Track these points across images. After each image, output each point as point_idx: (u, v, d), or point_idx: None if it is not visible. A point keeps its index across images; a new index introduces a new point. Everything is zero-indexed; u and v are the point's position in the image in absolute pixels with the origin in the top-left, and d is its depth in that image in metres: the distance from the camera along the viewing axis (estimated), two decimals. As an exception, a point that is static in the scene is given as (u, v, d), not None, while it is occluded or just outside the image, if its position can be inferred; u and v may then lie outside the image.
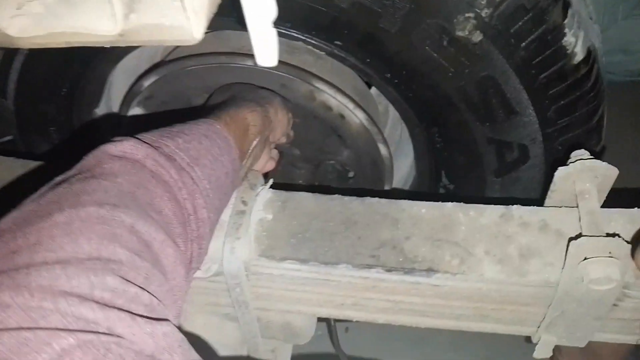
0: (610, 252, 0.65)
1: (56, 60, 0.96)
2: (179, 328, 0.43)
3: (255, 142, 0.72)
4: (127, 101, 1.02)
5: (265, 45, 0.39)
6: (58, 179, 0.49)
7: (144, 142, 0.54)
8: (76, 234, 0.42)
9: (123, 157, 0.52)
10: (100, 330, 0.37)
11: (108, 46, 0.48)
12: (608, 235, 0.67)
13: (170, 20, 0.47)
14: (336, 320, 1.31)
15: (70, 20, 0.47)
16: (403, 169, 1.20)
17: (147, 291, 0.42)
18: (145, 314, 0.40)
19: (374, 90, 1.13)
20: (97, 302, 0.38)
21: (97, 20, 0.47)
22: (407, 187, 1.21)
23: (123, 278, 0.41)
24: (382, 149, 1.04)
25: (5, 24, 0.48)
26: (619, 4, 1.78)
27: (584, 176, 0.71)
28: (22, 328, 0.35)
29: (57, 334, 0.35)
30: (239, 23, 0.38)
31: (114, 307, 0.38)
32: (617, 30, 1.81)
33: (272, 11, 0.37)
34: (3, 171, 0.84)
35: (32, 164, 0.85)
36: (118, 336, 0.37)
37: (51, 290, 0.37)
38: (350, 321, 0.83)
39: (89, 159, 0.52)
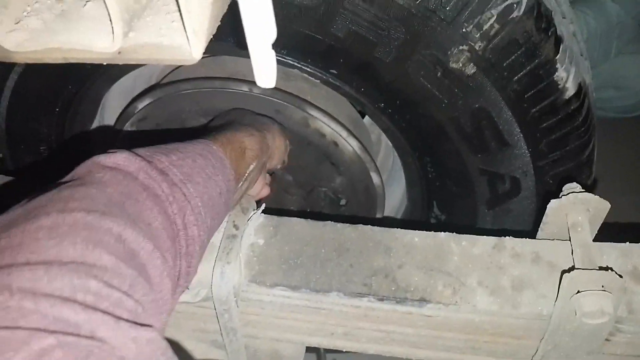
0: (603, 286, 0.65)
1: (51, 79, 0.96)
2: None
3: (252, 167, 0.72)
4: (120, 122, 1.02)
5: (264, 67, 0.39)
6: (48, 186, 0.49)
7: (138, 155, 0.53)
8: (61, 238, 0.41)
9: (115, 168, 0.51)
10: (82, 333, 0.35)
11: (105, 63, 0.48)
12: (601, 268, 0.67)
13: (169, 40, 0.47)
14: (326, 351, 1.28)
15: (67, 36, 0.47)
16: (395, 197, 1.20)
17: (132, 298, 0.41)
18: (129, 319, 0.39)
19: (367, 119, 1.14)
20: (79, 304, 0.37)
21: (95, 37, 0.47)
22: (399, 216, 1.21)
23: (107, 283, 0.40)
24: (375, 177, 1.04)
25: (2, 38, 0.48)
26: (612, 39, 1.83)
27: (576, 209, 0.72)
28: (0, 327, 0.34)
29: (36, 334, 0.34)
30: (238, 45, 0.38)
31: (97, 310, 0.37)
32: (610, 66, 1.86)
33: (272, 33, 0.37)
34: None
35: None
36: (100, 340, 0.36)
37: (32, 290, 0.36)
38: (340, 352, 0.81)
39: (81, 168, 0.52)
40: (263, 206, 0.79)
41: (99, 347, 0.35)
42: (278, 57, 0.85)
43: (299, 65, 0.87)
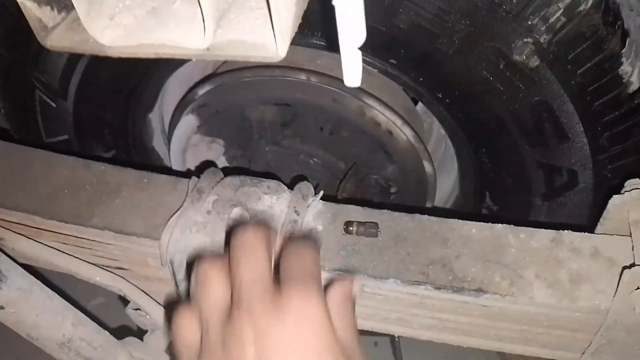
0: (665, 284, 0.64)
1: (117, 67, 1.00)
2: None
3: None
4: (180, 108, 1.05)
5: (352, 67, 0.41)
6: None
7: None
8: None
9: None
10: None
11: (194, 59, 0.50)
12: (663, 266, 0.66)
13: (254, 37, 0.49)
14: (367, 333, 1.31)
15: (160, 32, 0.50)
16: (445, 187, 1.21)
17: None
18: None
19: (420, 106, 1.15)
20: None
21: (186, 34, 0.49)
22: (448, 206, 1.21)
23: None
24: (427, 166, 1.05)
25: (99, 33, 0.51)
26: None
27: (639, 205, 0.71)
28: None
29: None
30: (328, 47, 0.40)
31: None
32: None
33: (363, 36, 0.39)
34: (65, 170, 0.87)
35: (93, 164, 0.88)
36: None
37: None
38: (379, 335, 0.84)
39: None
40: (321, 193, 0.82)
41: None
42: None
43: (358, 55, 0.88)
